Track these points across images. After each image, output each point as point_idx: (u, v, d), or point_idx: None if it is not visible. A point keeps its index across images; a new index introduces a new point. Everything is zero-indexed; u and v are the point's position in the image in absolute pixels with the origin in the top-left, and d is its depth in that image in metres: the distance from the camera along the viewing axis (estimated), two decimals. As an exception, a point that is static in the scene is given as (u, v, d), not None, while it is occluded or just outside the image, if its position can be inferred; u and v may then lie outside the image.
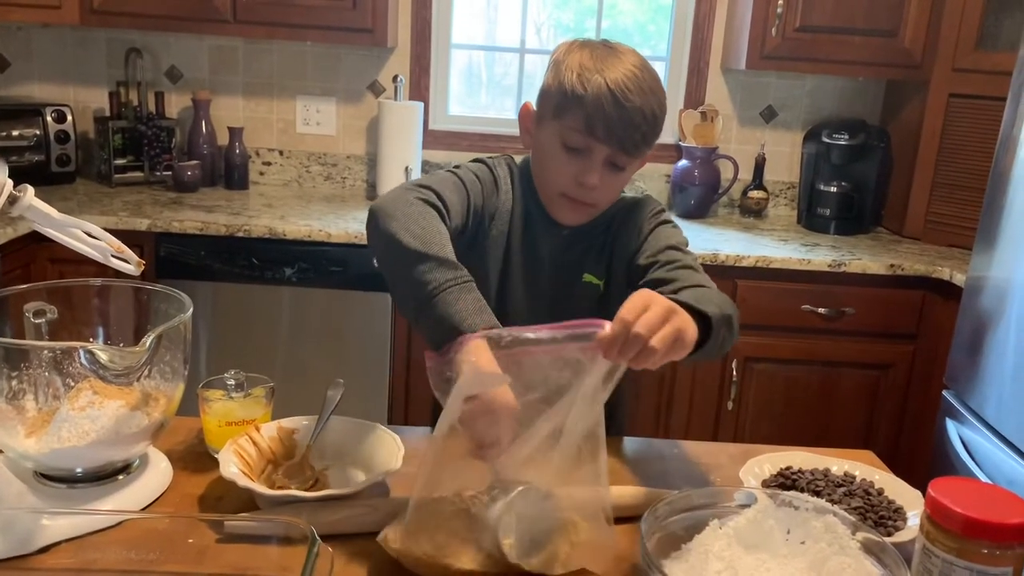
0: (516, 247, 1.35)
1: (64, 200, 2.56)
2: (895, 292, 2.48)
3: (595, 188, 1.25)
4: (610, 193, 1.30)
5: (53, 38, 2.92)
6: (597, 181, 1.24)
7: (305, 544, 0.86)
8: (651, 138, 1.25)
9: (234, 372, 1.20)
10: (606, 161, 1.24)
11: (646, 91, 1.22)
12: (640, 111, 1.21)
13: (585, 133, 1.22)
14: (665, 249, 1.29)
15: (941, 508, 0.83)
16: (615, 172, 1.26)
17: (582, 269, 1.36)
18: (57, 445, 1.01)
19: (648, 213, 1.36)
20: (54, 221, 1.01)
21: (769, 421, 2.55)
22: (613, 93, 1.20)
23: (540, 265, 1.36)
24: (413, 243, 1.10)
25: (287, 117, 3.00)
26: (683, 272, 1.23)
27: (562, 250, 1.36)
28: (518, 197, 1.36)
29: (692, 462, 1.29)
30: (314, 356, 2.47)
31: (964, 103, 2.59)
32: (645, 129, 1.23)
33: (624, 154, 1.24)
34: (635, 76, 1.22)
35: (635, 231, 1.34)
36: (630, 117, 1.20)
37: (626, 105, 1.20)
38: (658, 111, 1.24)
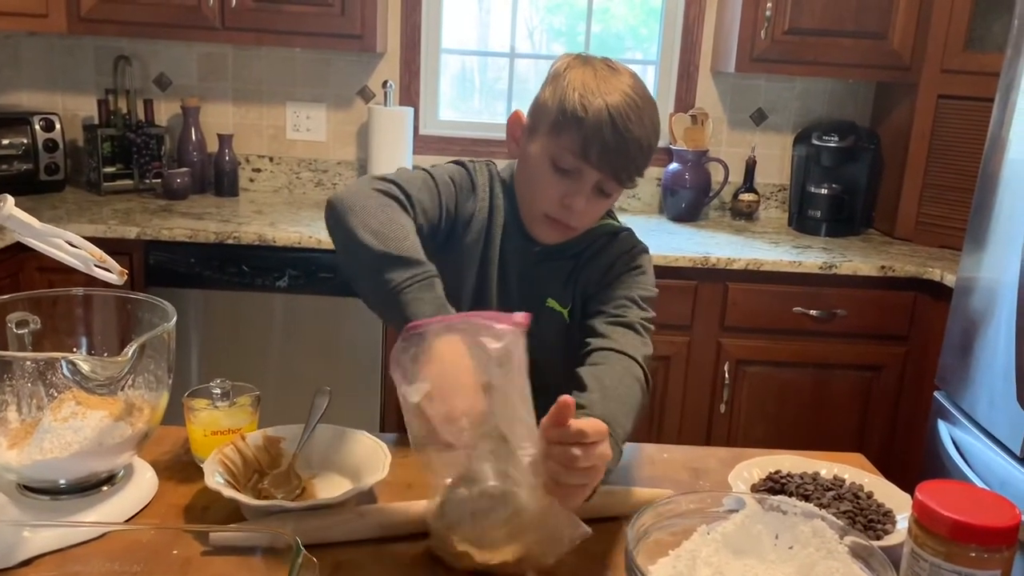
0: (492, 256, 1.32)
1: (53, 209, 2.55)
2: (886, 294, 2.48)
3: (581, 212, 1.23)
4: (592, 217, 1.28)
5: (41, 46, 2.91)
6: (584, 206, 1.22)
7: (291, 554, 0.85)
8: (643, 169, 1.23)
9: (220, 381, 1.19)
10: (595, 186, 1.22)
11: (645, 122, 1.20)
12: (638, 142, 1.19)
13: (579, 156, 1.19)
14: (622, 299, 1.26)
15: (928, 511, 0.82)
16: (601, 197, 1.24)
17: (546, 293, 1.32)
18: (40, 457, 1.00)
19: (622, 252, 1.32)
20: (35, 231, 1.00)
21: (762, 423, 2.55)
22: (614, 120, 1.17)
23: (509, 279, 1.32)
24: (371, 240, 1.07)
25: (277, 123, 2.99)
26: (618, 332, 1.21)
27: (530, 266, 1.32)
28: (497, 205, 1.32)
29: (681, 466, 1.28)
30: (306, 363, 2.46)
31: (953, 104, 2.60)
32: (640, 161, 1.21)
33: (615, 182, 1.22)
34: (636, 104, 1.19)
35: (604, 269, 1.31)
36: (627, 147, 1.18)
37: (625, 135, 1.17)
38: (654, 142, 1.23)
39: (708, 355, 2.51)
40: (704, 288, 2.47)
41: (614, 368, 1.14)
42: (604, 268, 1.31)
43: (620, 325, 1.22)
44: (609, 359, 1.16)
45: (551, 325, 1.31)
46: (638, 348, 1.20)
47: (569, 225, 1.25)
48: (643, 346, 1.21)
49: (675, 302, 2.45)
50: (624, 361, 1.16)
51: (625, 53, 3.12)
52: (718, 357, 2.51)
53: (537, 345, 1.11)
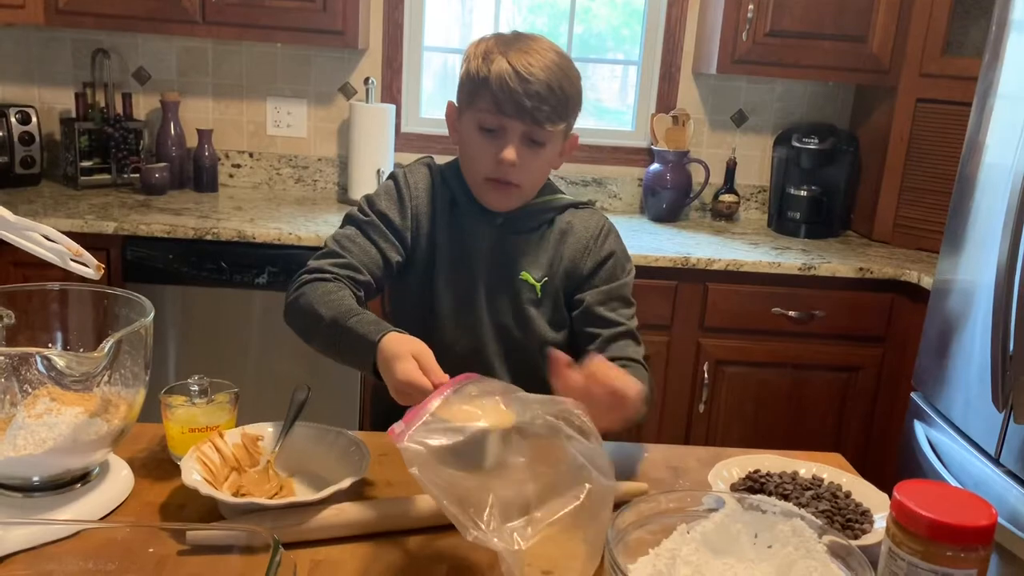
0: (443, 241, 1.39)
1: (29, 203, 2.51)
2: (864, 295, 2.50)
3: (513, 164, 1.29)
4: (533, 173, 1.34)
5: (17, 38, 2.87)
6: (514, 156, 1.28)
7: (268, 553, 0.84)
8: (563, 111, 1.30)
9: (197, 378, 1.18)
10: (523, 138, 1.29)
11: (551, 67, 1.28)
12: (546, 84, 1.26)
13: (496, 112, 1.28)
14: (612, 300, 1.38)
15: (906, 511, 0.83)
16: (534, 148, 1.30)
17: (519, 266, 1.39)
18: (13, 453, 0.99)
19: (598, 231, 1.42)
20: (9, 224, 0.99)
21: (740, 423, 2.56)
22: (516, 70, 1.26)
23: (475, 256, 1.39)
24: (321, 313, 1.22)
25: (257, 119, 2.97)
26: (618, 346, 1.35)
27: (496, 240, 1.39)
28: (440, 193, 1.40)
29: (661, 465, 1.29)
30: (285, 361, 2.44)
31: (931, 108, 2.62)
32: (554, 102, 1.27)
33: (537, 126, 1.28)
34: (538, 54, 1.29)
35: (584, 250, 1.40)
36: (535, 90, 1.26)
37: (530, 80, 1.26)
38: (567, 85, 1.29)
39: (687, 355, 2.52)
40: (684, 288, 2.48)
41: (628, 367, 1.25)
42: (583, 248, 1.40)
43: (619, 337, 1.35)
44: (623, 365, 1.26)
45: (524, 297, 1.39)
46: (638, 353, 1.35)
47: (510, 181, 1.32)
48: (641, 349, 1.36)
49: (655, 302, 2.46)
50: (633, 368, 1.28)
51: (607, 54, 3.13)
52: (697, 357, 2.52)
53: (514, 315, 1.35)
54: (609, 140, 3.07)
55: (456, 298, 1.40)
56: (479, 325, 1.40)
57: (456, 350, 1.40)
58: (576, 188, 3.04)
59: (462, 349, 1.41)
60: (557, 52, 1.31)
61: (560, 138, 1.35)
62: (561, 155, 1.39)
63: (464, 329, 1.40)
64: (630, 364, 1.29)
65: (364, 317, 1.17)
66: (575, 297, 1.40)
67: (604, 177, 3.05)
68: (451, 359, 1.40)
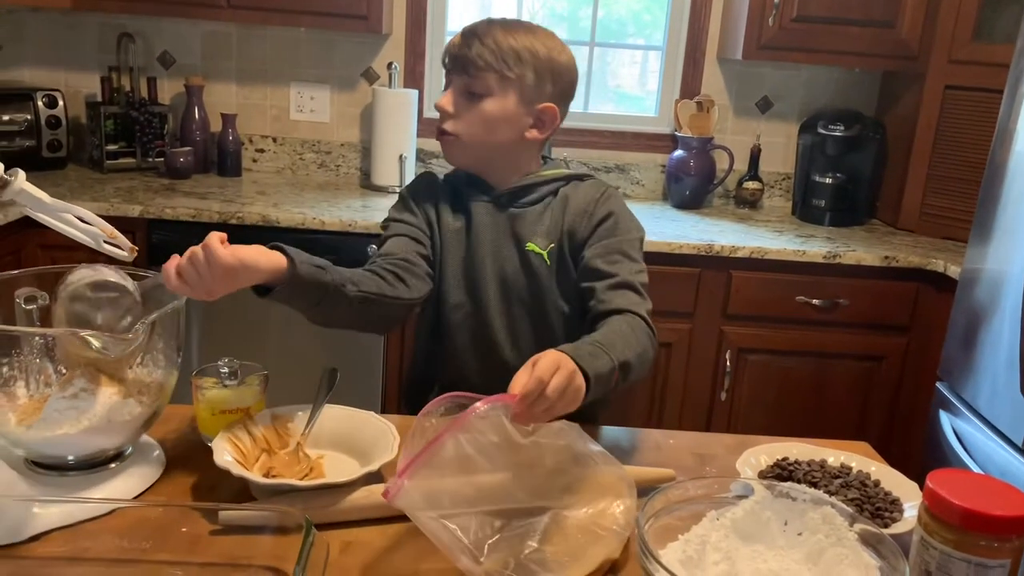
0: (448, 225, 1.44)
1: (55, 186, 2.53)
2: (889, 284, 2.48)
3: (447, 112, 1.36)
4: (469, 123, 1.37)
5: (44, 22, 2.88)
6: (447, 104, 1.36)
7: (300, 533, 0.85)
8: (496, 61, 1.34)
9: (227, 360, 1.19)
10: (462, 90, 1.36)
11: (503, 25, 1.36)
12: (481, 39, 1.34)
13: (446, 72, 1.39)
14: (613, 254, 1.37)
15: (939, 500, 0.83)
16: (471, 101, 1.36)
17: (526, 238, 1.42)
18: (48, 433, 1.00)
19: (598, 195, 1.44)
20: (45, 206, 1.00)
21: (762, 412, 2.55)
22: (463, 31, 1.37)
23: (481, 236, 1.42)
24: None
25: (281, 104, 2.98)
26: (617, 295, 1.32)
27: (499, 216, 1.43)
28: (441, 189, 1.47)
29: (686, 452, 1.29)
30: (307, 344, 2.46)
31: (960, 95, 2.59)
32: (486, 53, 1.33)
33: (468, 76, 1.34)
34: (502, 20, 1.37)
35: (584, 213, 1.41)
36: (471, 43, 1.34)
37: (468, 37, 1.35)
38: (506, 42, 1.34)
39: (710, 343, 2.51)
40: (707, 276, 2.46)
41: (618, 321, 1.27)
42: (584, 212, 1.41)
43: (618, 287, 1.33)
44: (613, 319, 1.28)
45: (535, 267, 1.41)
46: (639, 305, 1.31)
47: (446, 130, 1.38)
48: (643, 302, 1.33)
49: (678, 289, 2.45)
50: (627, 317, 1.28)
51: (628, 39, 3.11)
52: (720, 345, 2.51)
53: (527, 287, 1.39)
54: (632, 126, 3.05)
55: (465, 280, 1.43)
56: (487, 303, 1.42)
57: (466, 331, 1.44)
58: (598, 174, 3.02)
59: (472, 329, 1.44)
60: (528, 26, 1.39)
61: (511, 98, 1.35)
62: (537, 127, 1.40)
63: (474, 308, 1.43)
64: (625, 313, 1.28)
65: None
66: (579, 256, 1.41)
67: (627, 163, 3.03)
68: (462, 341, 1.45)
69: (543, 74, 1.37)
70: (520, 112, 1.38)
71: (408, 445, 0.92)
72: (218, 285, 1.04)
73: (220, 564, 0.93)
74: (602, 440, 1.31)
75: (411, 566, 0.96)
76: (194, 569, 0.93)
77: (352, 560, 0.96)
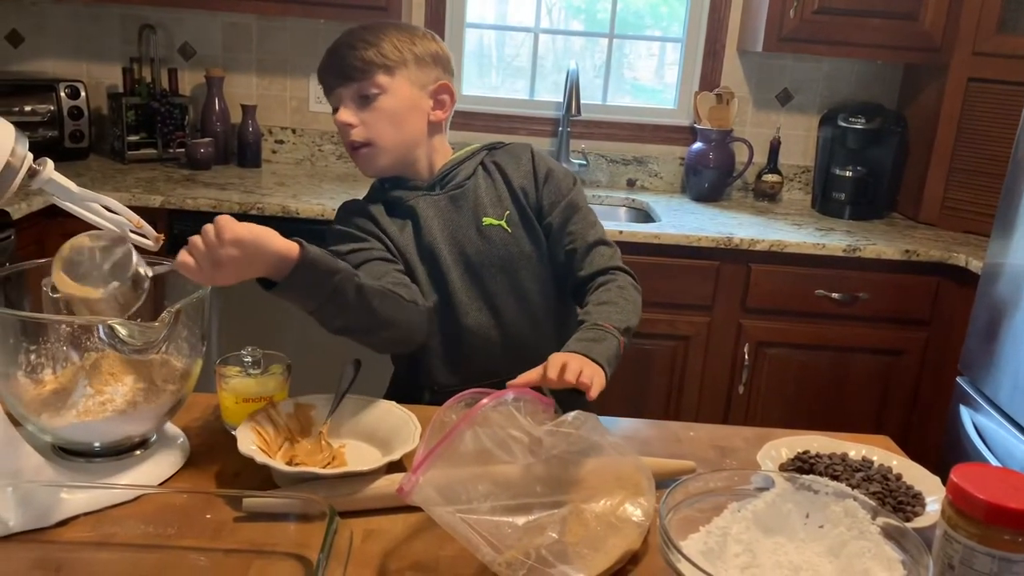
0: (396, 237, 1.41)
1: (77, 176, 2.52)
2: (909, 278, 2.46)
3: (351, 124, 1.34)
4: (381, 127, 1.36)
5: (67, 13, 2.91)
6: (348, 117, 1.34)
7: (323, 521, 0.86)
8: (373, 56, 1.34)
9: (251, 349, 1.20)
10: (353, 99, 1.35)
11: (360, 30, 1.36)
12: (348, 45, 1.34)
13: (326, 91, 1.38)
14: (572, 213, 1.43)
15: (963, 494, 0.82)
16: (368, 103, 1.35)
17: (477, 215, 1.42)
18: (75, 419, 1.02)
19: (528, 154, 1.47)
20: (73, 195, 1.01)
21: (780, 406, 2.55)
22: (328, 51, 1.37)
23: (428, 225, 1.41)
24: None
25: (300, 95, 2.99)
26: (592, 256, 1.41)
27: (442, 207, 1.43)
28: (365, 204, 1.46)
29: (706, 445, 1.29)
30: (326, 335, 2.46)
31: (984, 87, 2.57)
32: (359, 54, 1.33)
33: (352, 81, 1.34)
34: (354, 30, 1.37)
35: (527, 174, 1.45)
36: (341, 53, 1.34)
37: (335, 51, 1.35)
38: (370, 37, 1.35)
39: (728, 336, 2.51)
40: (726, 269, 2.46)
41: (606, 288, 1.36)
42: (526, 175, 1.46)
43: (590, 248, 1.41)
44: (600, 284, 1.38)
45: (496, 239, 1.42)
46: (613, 256, 1.42)
47: (356, 142, 1.36)
48: (614, 251, 1.43)
49: (696, 282, 2.45)
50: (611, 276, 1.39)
51: (645, 31, 3.10)
52: (738, 338, 2.51)
53: (494, 260, 1.42)
54: (650, 118, 3.04)
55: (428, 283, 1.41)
56: (454, 293, 1.41)
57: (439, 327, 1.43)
58: (616, 166, 3.02)
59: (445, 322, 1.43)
60: (381, 23, 1.39)
61: (402, 87, 1.36)
62: (439, 108, 1.42)
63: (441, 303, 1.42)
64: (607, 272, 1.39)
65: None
66: (543, 224, 1.45)
67: (645, 156, 3.03)
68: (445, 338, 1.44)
69: (422, 56, 1.38)
70: (417, 96, 1.39)
71: (426, 440, 0.93)
72: (225, 263, 1.01)
73: (244, 550, 0.94)
74: (621, 432, 1.32)
75: (433, 553, 0.96)
76: (218, 555, 0.94)
77: (374, 547, 0.96)
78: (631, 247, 2.32)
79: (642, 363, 2.48)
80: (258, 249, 1.04)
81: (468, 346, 1.43)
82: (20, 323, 1.02)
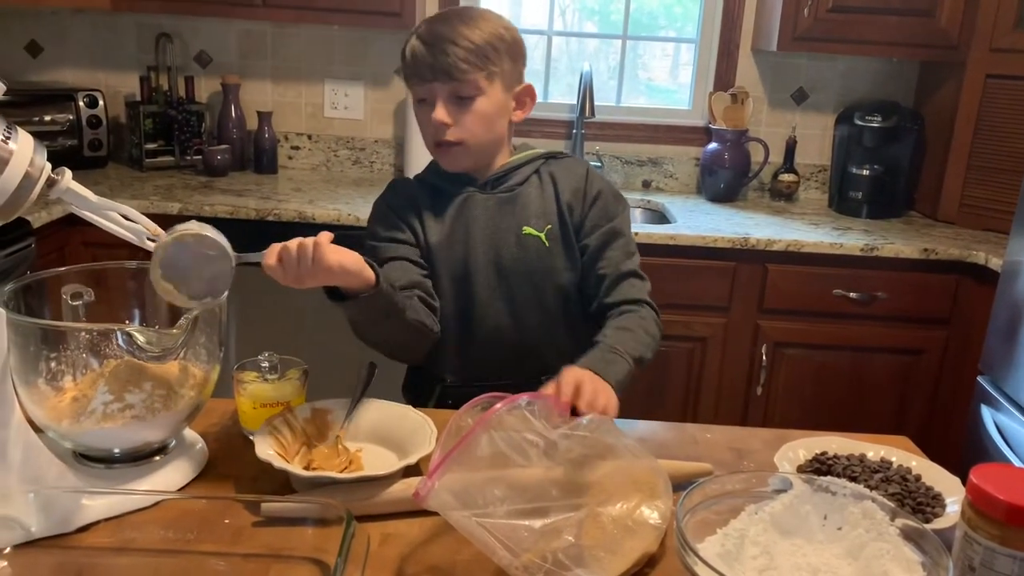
0: (436, 231, 1.43)
1: (96, 184, 2.58)
2: (928, 276, 2.44)
3: (446, 124, 1.34)
4: (470, 127, 1.36)
5: (85, 23, 2.94)
6: (444, 116, 1.33)
7: (341, 525, 0.86)
8: (477, 59, 1.32)
9: (268, 354, 1.21)
10: (449, 97, 1.34)
11: (459, 20, 1.33)
12: (451, 40, 1.31)
13: (417, 81, 1.35)
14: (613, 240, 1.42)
15: (983, 495, 0.81)
16: (464, 104, 1.34)
17: (520, 221, 1.42)
18: (95, 426, 1.02)
19: (584, 172, 1.46)
20: (91, 204, 1.02)
21: (799, 407, 2.53)
22: (422, 37, 1.33)
23: (472, 231, 1.42)
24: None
25: (315, 101, 3.00)
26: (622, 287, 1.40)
27: (488, 207, 1.43)
28: (419, 193, 1.46)
29: (723, 447, 1.28)
30: (342, 339, 2.45)
31: (1002, 84, 2.54)
32: (463, 53, 1.31)
33: (454, 81, 1.32)
34: (451, 14, 1.35)
35: (577, 191, 1.44)
36: (442, 47, 1.30)
37: (434, 42, 1.31)
38: (474, 35, 1.32)
39: (745, 337, 2.50)
40: (742, 269, 2.45)
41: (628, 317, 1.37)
42: (576, 192, 1.44)
43: (620, 278, 1.40)
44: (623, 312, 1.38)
45: (532, 249, 1.43)
46: (641, 290, 1.41)
47: (452, 141, 1.36)
48: (644, 284, 1.43)
49: (713, 283, 2.44)
50: (635, 308, 1.38)
51: (659, 32, 3.09)
52: (755, 339, 2.49)
53: (523, 268, 1.40)
54: (665, 119, 3.03)
55: (454, 281, 1.43)
56: (478, 294, 1.43)
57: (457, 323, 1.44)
58: (631, 167, 3.02)
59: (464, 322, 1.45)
60: (476, 12, 1.37)
61: (497, 89, 1.36)
62: (519, 108, 1.43)
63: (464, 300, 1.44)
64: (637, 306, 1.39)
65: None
66: (580, 244, 1.44)
67: (660, 156, 3.02)
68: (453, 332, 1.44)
69: (515, 56, 1.39)
70: (506, 100, 1.39)
71: (442, 444, 0.93)
72: (310, 279, 1.11)
73: (263, 555, 0.95)
74: (638, 434, 1.31)
75: (450, 557, 0.96)
76: (237, 560, 0.95)
77: (392, 551, 0.97)
78: (647, 248, 2.31)
79: (659, 365, 2.47)
80: (343, 278, 1.15)
81: (482, 346, 1.44)
82: (40, 331, 1.03)
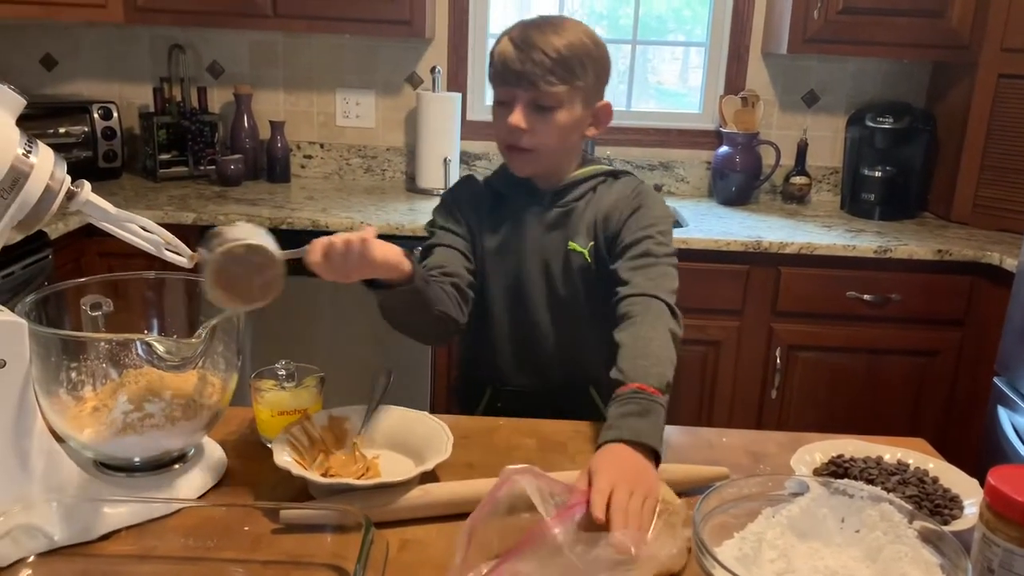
0: (492, 236, 1.45)
1: (111, 195, 2.57)
2: (942, 278, 2.43)
3: (521, 129, 1.33)
4: (545, 136, 1.36)
5: (99, 36, 2.97)
6: (520, 122, 1.33)
7: (359, 531, 0.87)
8: (563, 71, 1.31)
9: (284, 363, 1.22)
10: (529, 104, 1.33)
11: (548, 34, 1.32)
12: (541, 49, 1.30)
13: (500, 84, 1.35)
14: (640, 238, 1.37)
15: (1002, 496, 0.81)
16: (543, 113, 1.34)
17: (569, 237, 1.43)
18: (115, 435, 1.04)
19: (630, 192, 1.44)
20: (110, 216, 1.03)
21: (813, 409, 2.53)
22: (513, 40, 1.33)
23: (525, 240, 1.43)
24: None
25: (327, 110, 3.02)
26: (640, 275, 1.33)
27: (545, 219, 1.44)
28: (483, 195, 1.48)
29: (740, 450, 1.28)
30: (357, 346, 2.49)
31: (1014, 83, 2.53)
32: (550, 64, 1.30)
33: (537, 90, 1.31)
34: (543, 22, 1.34)
35: (615, 209, 1.42)
36: (531, 55, 1.30)
37: (524, 48, 1.31)
38: (565, 50, 1.31)
39: (759, 340, 2.49)
40: (756, 272, 2.44)
41: (644, 320, 1.25)
42: (616, 207, 1.42)
43: (641, 267, 1.34)
44: (637, 306, 1.28)
45: (575, 266, 1.43)
46: (662, 286, 1.31)
47: (522, 146, 1.36)
48: (666, 280, 1.33)
49: (726, 287, 2.44)
50: (653, 306, 1.28)
51: (668, 35, 3.09)
52: (769, 342, 2.49)
53: (567, 283, 1.43)
54: (676, 123, 3.04)
55: (509, 287, 1.45)
56: (532, 302, 1.45)
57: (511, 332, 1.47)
58: (643, 172, 3.02)
59: (517, 330, 1.47)
60: (572, 21, 1.37)
61: (577, 103, 1.36)
62: (595, 125, 1.42)
63: (519, 310, 1.46)
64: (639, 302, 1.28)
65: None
66: (612, 253, 1.41)
67: (671, 160, 3.02)
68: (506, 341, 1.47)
69: (600, 72, 1.38)
70: (584, 115, 1.39)
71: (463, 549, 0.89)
72: (356, 274, 1.12)
73: (282, 562, 0.96)
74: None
75: (468, 564, 0.97)
76: (257, 567, 0.96)
77: (410, 557, 0.97)
78: (659, 253, 2.31)
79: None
80: (385, 271, 1.16)
81: (533, 354, 1.47)
82: (61, 341, 1.04)
